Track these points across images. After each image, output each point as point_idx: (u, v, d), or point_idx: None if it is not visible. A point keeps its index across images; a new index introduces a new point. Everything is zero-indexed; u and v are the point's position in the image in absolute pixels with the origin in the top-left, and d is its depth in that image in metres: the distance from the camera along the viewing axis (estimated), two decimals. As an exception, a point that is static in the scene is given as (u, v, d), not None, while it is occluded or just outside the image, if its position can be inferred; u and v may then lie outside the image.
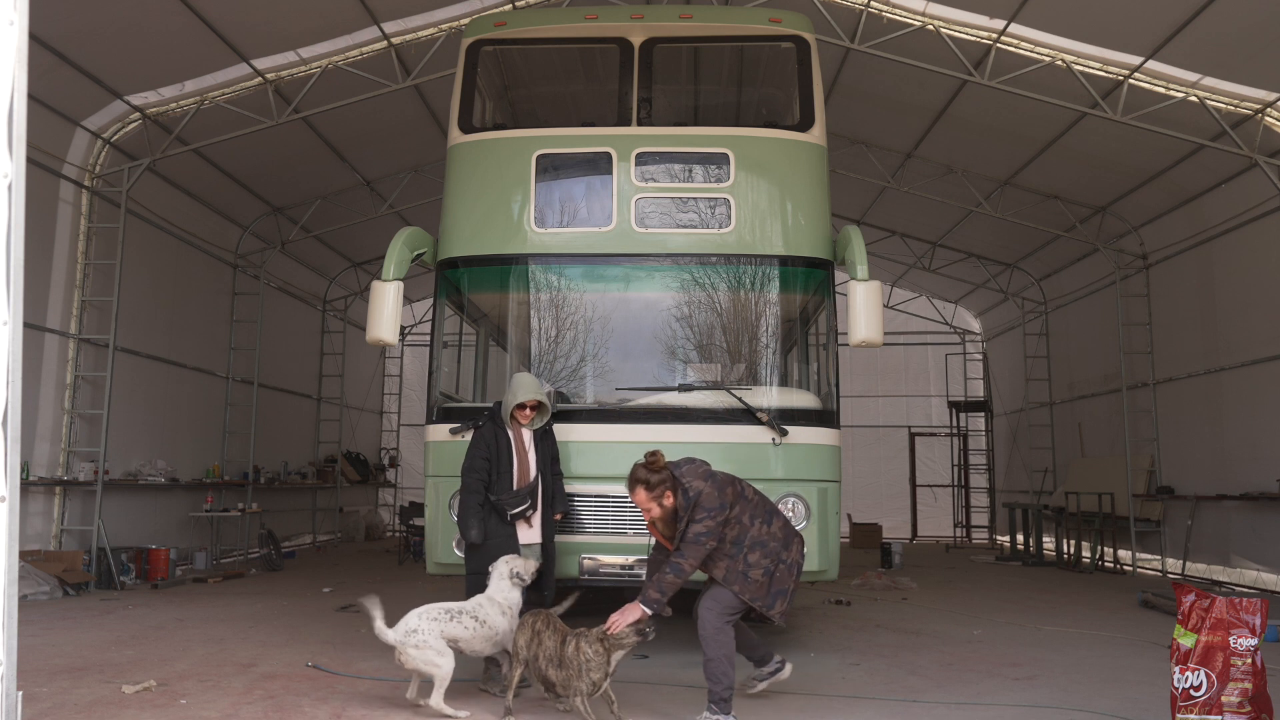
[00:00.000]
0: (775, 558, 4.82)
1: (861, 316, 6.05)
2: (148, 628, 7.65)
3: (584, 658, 4.56)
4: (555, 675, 4.65)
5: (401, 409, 20.64)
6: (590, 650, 4.57)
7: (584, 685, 4.55)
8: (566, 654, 4.62)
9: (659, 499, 4.78)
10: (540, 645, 4.73)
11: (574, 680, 4.57)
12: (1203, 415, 12.28)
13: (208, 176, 12.76)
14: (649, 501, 4.79)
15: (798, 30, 7.20)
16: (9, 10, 2.24)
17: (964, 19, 10.29)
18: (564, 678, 4.61)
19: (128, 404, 11.45)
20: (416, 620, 4.96)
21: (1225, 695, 4.17)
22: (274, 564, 12.78)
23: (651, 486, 4.77)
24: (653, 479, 4.77)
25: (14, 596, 2.22)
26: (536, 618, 4.85)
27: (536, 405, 5.87)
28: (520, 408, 5.81)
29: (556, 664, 4.65)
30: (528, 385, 5.82)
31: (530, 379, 5.89)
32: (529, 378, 5.90)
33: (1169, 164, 11.75)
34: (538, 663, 4.71)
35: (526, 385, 5.82)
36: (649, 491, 4.78)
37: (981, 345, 20.09)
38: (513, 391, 5.81)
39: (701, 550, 4.66)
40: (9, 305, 2.23)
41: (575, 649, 4.60)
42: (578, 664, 4.57)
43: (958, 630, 7.89)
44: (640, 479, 4.79)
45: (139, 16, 9.36)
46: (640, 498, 4.81)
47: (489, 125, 7.54)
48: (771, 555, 4.81)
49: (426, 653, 4.87)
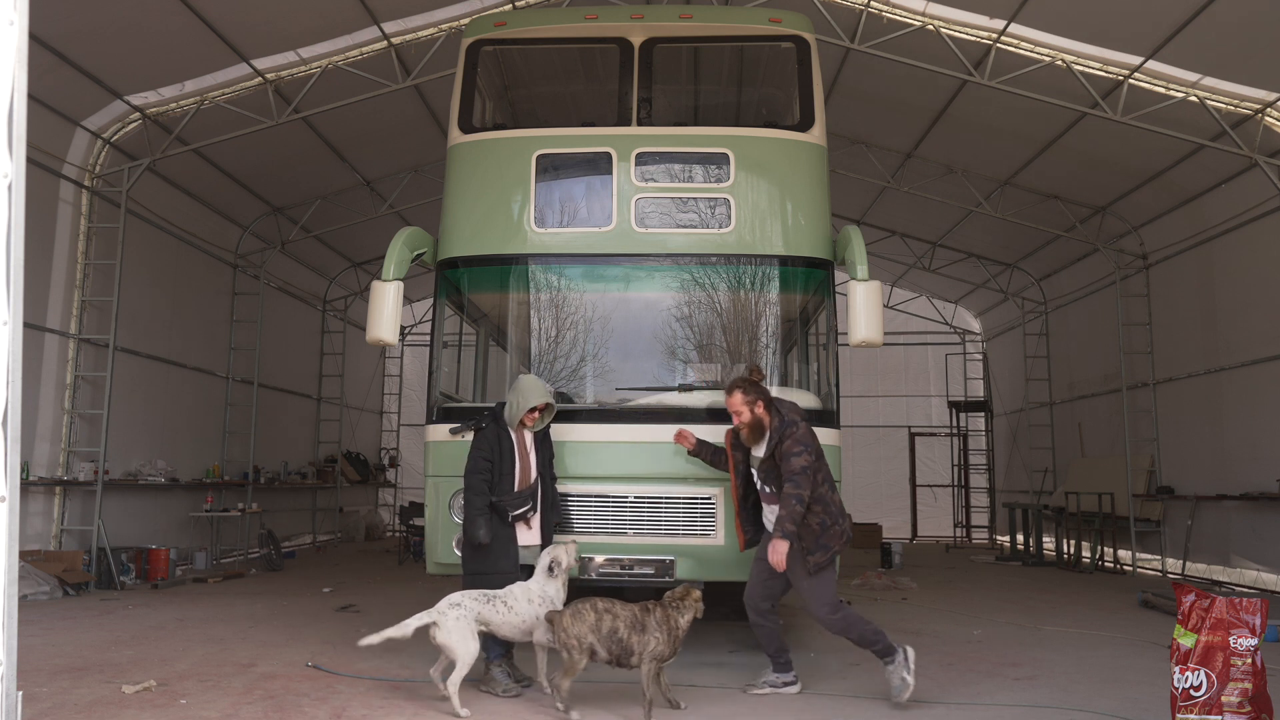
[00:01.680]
0: (832, 518, 5.26)
1: (861, 316, 6.05)
2: (148, 628, 7.65)
3: (673, 624, 4.90)
4: (637, 641, 4.88)
5: (401, 409, 20.64)
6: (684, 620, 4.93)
7: (666, 649, 4.88)
8: (652, 621, 4.90)
9: (752, 405, 5.31)
10: (614, 619, 4.92)
11: (657, 645, 4.86)
12: (1203, 415, 12.28)
13: (208, 176, 12.76)
14: (742, 405, 5.32)
15: (798, 30, 7.20)
16: (9, 10, 2.24)
17: (964, 19, 10.29)
18: (644, 642, 4.88)
19: (128, 404, 11.45)
20: (459, 597, 5.21)
21: (1225, 695, 4.17)
22: (274, 564, 12.78)
23: (748, 392, 5.32)
24: (750, 388, 5.33)
25: (14, 596, 2.22)
26: (589, 601, 5.01)
27: (544, 408, 5.85)
28: (530, 411, 5.77)
29: (640, 629, 4.89)
30: (536, 389, 5.78)
31: (536, 381, 5.85)
32: (535, 380, 5.86)
33: (1169, 164, 11.75)
34: (617, 635, 4.90)
35: (535, 389, 5.77)
36: (745, 395, 5.32)
37: (981, 345, 20.09)
38: (522, 395, 5.74)
39: (808, 481, 5.12)
40: (9, 305, 2.23)
41: (663, 615, 4.92)
42: (667, 629, 4.89)
43: (958, 630, 7.89)
44: (739, 384, 5.37)
45: (139, 16, 9.36)
46: (735, 400, 5.34)
47: (489, 125, 7.54)
48: (830, 515, 5.25)
49: (455, 635, 5.05)
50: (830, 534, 5.24)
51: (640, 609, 4.97)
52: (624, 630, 4.90)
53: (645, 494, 6.23)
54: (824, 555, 5.24)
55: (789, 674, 5.53)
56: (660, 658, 4.88)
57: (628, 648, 4.90)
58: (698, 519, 6.20)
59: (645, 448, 6.24)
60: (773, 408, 5.36)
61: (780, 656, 5.53)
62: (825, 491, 5.26)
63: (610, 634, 4.91)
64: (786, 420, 5.27)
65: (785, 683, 5.51)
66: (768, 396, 5.39)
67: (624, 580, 6.21)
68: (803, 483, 5.11)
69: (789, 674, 5.53)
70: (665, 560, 6.16)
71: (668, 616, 4.93)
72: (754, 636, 5.42)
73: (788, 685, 5.51)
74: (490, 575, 5.56)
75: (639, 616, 4.93)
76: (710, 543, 6.17)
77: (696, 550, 6.17)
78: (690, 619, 4.98)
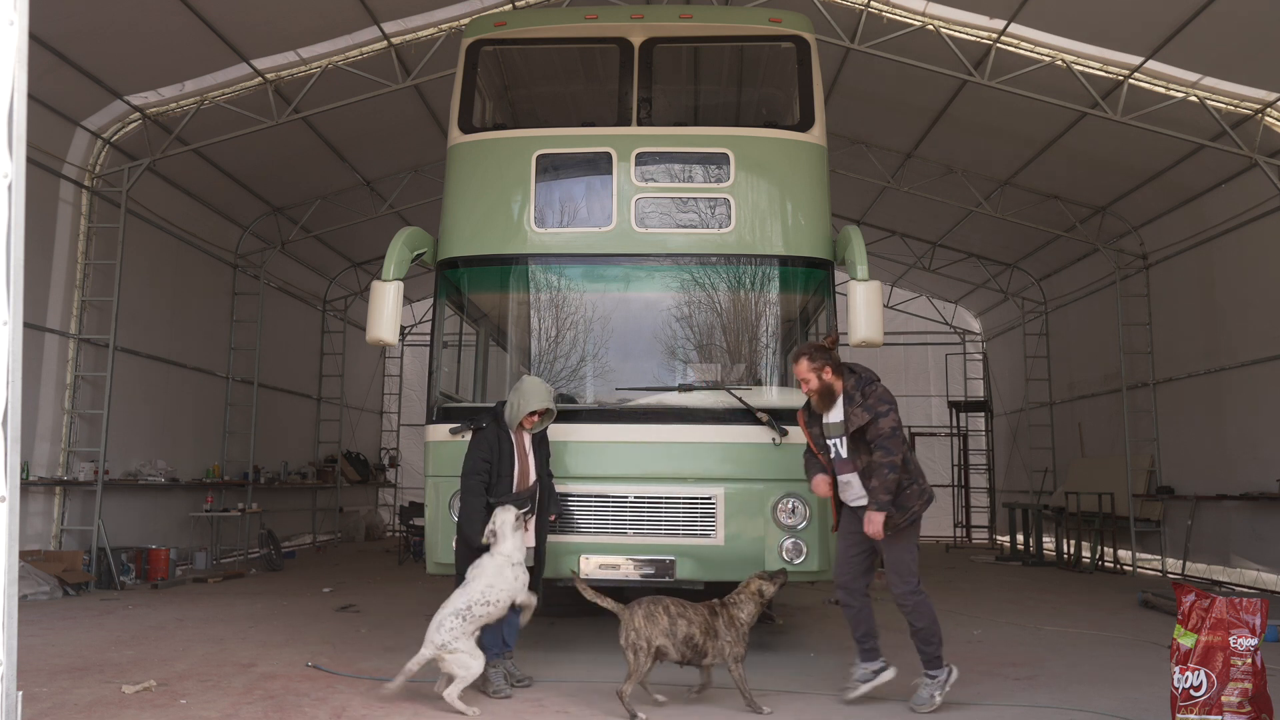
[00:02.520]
0: (911, 477, 5.11)
1: (861, 316, 6.05)
2: (148, 628, 7.65)
3: (739, 622, 4.96)
4: (712, 645, 4.92)
5: (401, 409, 20.63)
6: (743, 615, 5.00)
7: (741, 649, 4.94)
8: (720, 623, 4.95)
9: (819, 371, 5.17)
10: (689, 623, 4.94)
11: (732, 647, 4.93)
12: (1203, 415, 12.28)
13: (208, 176, 12.75)
14: (808, 372, 5.18)
15: (798, 30, 7.20)
16: (9, 10, 2.24)
17: (964, 19, 10.29)
18: (719, 646, 4.93)
19: (128, 404, 11.44)
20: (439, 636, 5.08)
21: (1225, 695, 4.17)
22: (274, 564, 12.78)
23: (813, 358, 5.18)
24: (816, 353, 5.20)
25: (14, 596, 2.22)
26: (661, 603, 5.01)
27: (543, 412, 5.78)
28: (529, 414, 5.70)
29: (713, 634, 4.93)
30: (539, 392, 5.69)
31: (539, 384, 5.78)
32: (538, 383, 5.79)
33: (1169, 164, 11.75)
34: (693, 640, 4.92)
35: (537, 392, 5.69)
36: (811, 362, 5.18)
37: (981, 345, 20.09)
38: (523, 397, 5.66)
39: (900, 444, 4.99)
40: (9, 305, 2.23)
41: (729, 616, 4.98)
42: (735, 629, 4.95)
43: (958, 630, 7.88)
44: (805, 350, 5.24)
45: (139, 16, 9.36)
46: (802, 367, 5.21)
47: (489, 125, 7.54)
48: (909, 474, 5.10)
49: (460, 656, 5.03)
50: (908, 494, 5.10)
51: (709, 610, 5.01)
52: (699, 635, 4.94)
53: (645, 494, 6.23)
54: (903, 516, 5.08)
55: (877, 661, 5.30)
56: (739, 658, 4.93)
57: (701, 650, 4.95)
58: (698, 519, 6.20)
59: (645, 448, 6.24)
60: (844, 370, 5.21)
61: (866, 642, 5.30)
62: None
63: (686, 639, 4.94)
64: (863, 377, 5.14)
65: (876, 671, 5.28)
66: (836, 361, 5.22)
67: (622, 581, 6.21)
68: (894, 447, 4.95)
69: (877, 661, 5.30)
70: (665, 560, 6.16)
71: (732, 616, 4.99)
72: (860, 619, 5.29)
73: (880, 673, 5.27)
74: None
75: (709, 619, 4.97)
76: (710, 543, 6.17)
77: (696, 550, 6.17)
78: (753, 609, 5.01)
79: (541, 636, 7.15)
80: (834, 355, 5.25)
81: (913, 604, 5.11)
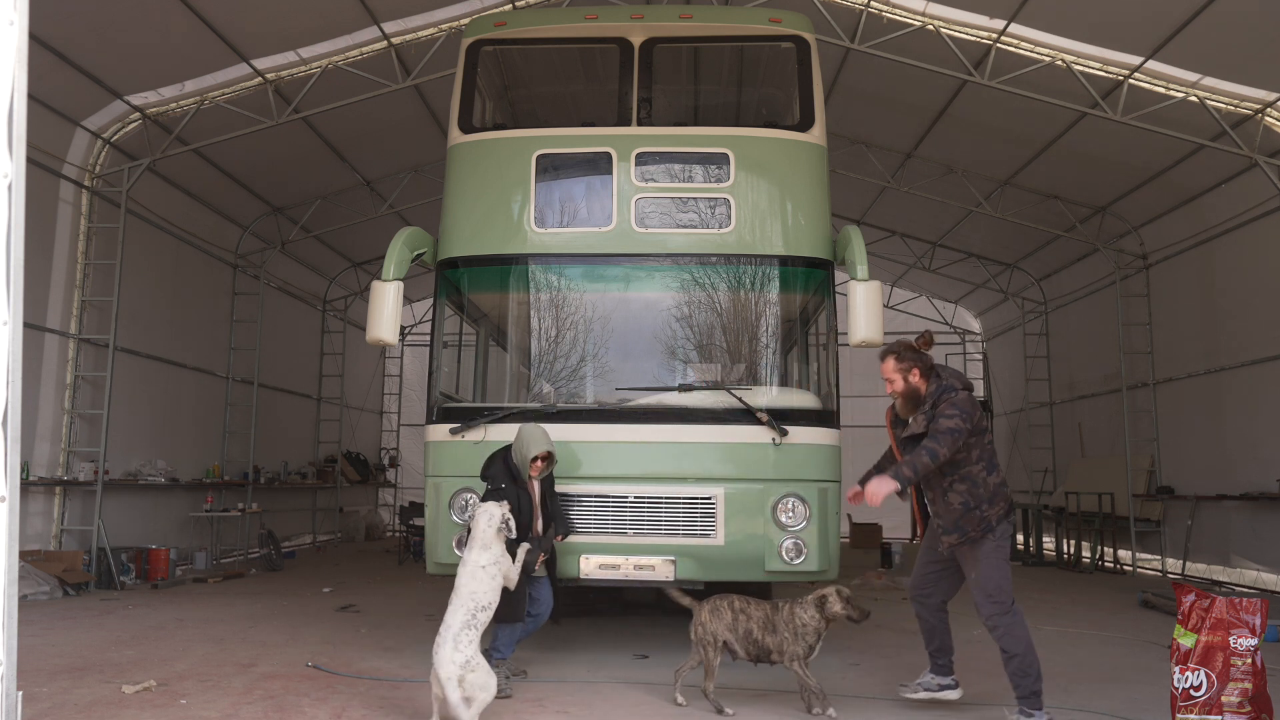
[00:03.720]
0: (977, 501, 4.75)
1: (861, 316, 6.05)
2: (148, 628, 7.65)
3: (799, 622, 4.95)
4: (771, 641, 4.95)
5: (401, 409, 20.63)
6: (805, 615, 4.97)
7: (800, 649, 4.94)
8: (780, 620, 4.97)
9: (905, 373, 4.90)
10: (749, 619, 5.03)
11: (790, 645, 4.94)
12: (1203, 415, 12.28)
13: (208, 176, 12.75)
14: (893, 372, 4.92)
15: (798, 30, 7.20)
16: (9, 10, 2.24)
17: (964, 19, 10.29)
18: (778, 642, 4.96)
19: (128, 404, 11.44)
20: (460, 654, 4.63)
21: (1225, 695, 4.17)
22: (274, 564, 12.78)
23: (901, 358, 4.92)
24: (905, 353, 4.93)
25: (14, 596, 2.22)
26: (727, 599, 5.08)
27: (547, 456, 5.71)
28: (533, 461, 5.64)
29: (771, 629, 4.96)
30: (536, 438, 5.63)
31: (537, 430, 5.71)
32: (535, 429, 5.71)
33: (1169, 164, 11.75)
34: (752, 636, 5.01)
35: (535, 438, 5.63)
36: (898, 362, 4.92)
37: (981, 345, 20.09)
38: (525, 445, 5.60)
39: (953, 441, 4.61)
40: (9, 305, 2.23)
41: (789, 613, 4.98)
42: (793, 628, 4.95)
43: (958, 630, 7.82)
44: (893, 349, 4.97)
45: (139, 16, 9.36)
46: (888, 366, 4.94)
47: (489, 125, 7.54)
48: (976, 498, 4.75)
49: (479, 675, 4.61)
50: (970, 518, 4.72)
51: (771, 608, 5.04)
52: (758, 631, 5.01)
53: (645, 494, 6.23)
54: (959, 538, 4.76)
55: (948, 677, 5.12)
56: (799, 658, 4.95)
57: (764, 648, 5.01)
58: (698, 519, 6.19)
59: (645, 448, 6.23)
60: (933, 374, 4.88)
61: (940, 657, 5.11)
62: (978, 470, 4.75)
63: (746, 634, 5.02)
64: (945, 385, 4.80)
65: (942, 685, 5.09)
66: (926, 363, 4.89)
67: (623, 581, 6.21)
68: (944, 442, 4.58)
69: (948, 677, 5.12)
70: (665, 560, 6.16)
71: (793, 615, 4.99)
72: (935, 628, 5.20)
73: (945, 689, 5.08)
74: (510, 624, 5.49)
75: (770, 616, 5.01)
76: (710, 543, 6.16)
77: (696, 550, 6.16)
78: (814, 613, 4.96)
79: (543, 636, 7.14)
80: (926, 357, 4.93)
81: (1002, 627, 4.69)
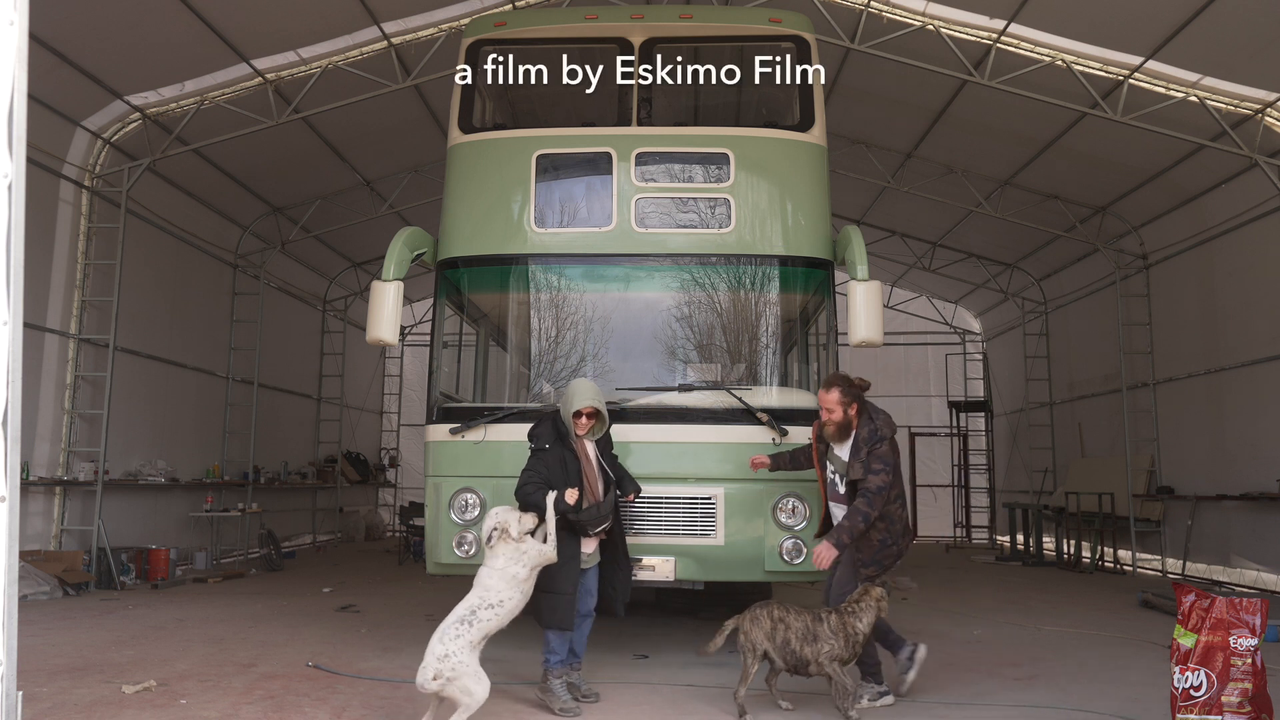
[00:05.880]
0: (894, 537, 5.28)
1: (861, 316, 6.05)
2: (148, 628, 7.65)
3: (851, 630, 4.96)
4: (809, 652, 4.92)
5: (401, 409, 20.63)
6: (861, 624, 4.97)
7: (847, 653, 4.94)
8: (824, 631, 4.96)
9: (846, 406, 5.29)
10: (788, 628, 4.99)
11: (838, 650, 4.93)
12: (1203, 415, 12.28)
13: (208, 176, 12.75)
14: (836, 404, 5.29)
15: (798, 30, 7.20)
16: (9, 10, 2.24)
17: (964, 19, 10.29)
18: (815, 650, 4.93)
19: (128, 404, 11.44)
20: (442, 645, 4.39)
21: (1225, 695, 4.17)
22: (274, 564, 12.78)
23: (845, 393, 5.29)
24: (848, 389, 5.31)
25: (14, 596, 2.22)
26: (768, 607, 5.05)
27: (594, 413, 5.30)
28: (576, 415, 5.25)
29: (811, 639, 4.93)
30: (582, 391, 5.26)
31: (586, 384, 5.41)
32: (585, 383, 5.41)
33: (1169, 164, 11.74)
34: (789, 646, 4.97)
35: (581, 391, 5.26)
36: (843, 395, 5.29)
37: (981, 345, 20.08)
38: (568, 397, 5.29)
39: (881, 502, 5.12)
40: (9, 305, 2.23)
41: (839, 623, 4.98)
42: (845, 636, 4.95)
43: (958, 630, 7.89)
44: (839, 381, 5.34)
45: (139, 16, 9.36)
46: (832, 397, 5.30)
47: (489, 125, 7.54)
48: (893, 534, 5.27)
49: (462, 681, 4.33)
50: (887, 552, 5.29)
51: (813, 618, 5.02)
52: (795, 642, 4.97)
53: (645, 494, 6.21)
54: (876, 570, 5.29)
55: (906, 647, 5.45)
56: (839, 659, 4.95)
57: (801, 659, 4.97)
58: (698, 519, 6.19)
59: (645, 448, 6.23)
60: (865, 414, 5.33)
61: (888, 636, 5.43)
62: (894, 509, 5.24)
63: (783, 645, 4.99)
64: (876, 431, 5.25)
65: (910, 655, 5.42)
66: (863, 401, 5.36)
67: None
68: (875, 503, 5.11)
69: (906, 647, 5.45)
70: (665, 560, 6.16)
71: (844, 623, 4.98)
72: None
73: (914, 654, 5.41)
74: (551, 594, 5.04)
75: (811, 626, 4.99)
76: (710, 543, 6.17)
77: (696, 550, 6.17)
78: (872, 619, 4.99)
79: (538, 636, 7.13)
80: (861, 397, 5.37)
81: None
